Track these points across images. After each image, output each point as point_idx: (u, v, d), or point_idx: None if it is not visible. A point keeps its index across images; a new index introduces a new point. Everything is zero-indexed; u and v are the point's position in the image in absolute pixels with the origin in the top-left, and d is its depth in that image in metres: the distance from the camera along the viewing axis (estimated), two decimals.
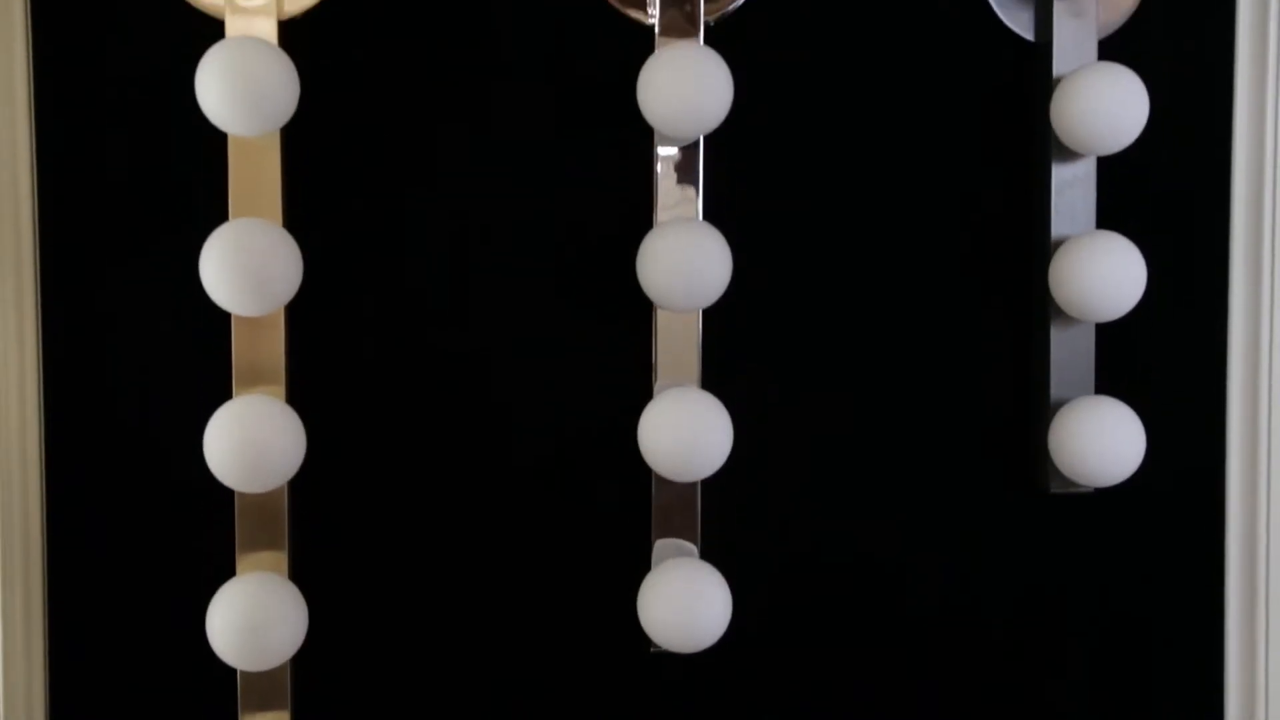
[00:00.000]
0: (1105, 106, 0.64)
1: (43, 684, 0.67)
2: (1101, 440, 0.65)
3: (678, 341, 0.65)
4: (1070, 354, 0.68)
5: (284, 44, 0.63)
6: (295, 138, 0.64)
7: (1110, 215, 0.67)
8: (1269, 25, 0.69)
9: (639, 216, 0.65)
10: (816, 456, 0.69)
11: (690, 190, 0.65)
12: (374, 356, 0.67)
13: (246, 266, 0.60)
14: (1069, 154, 0.67)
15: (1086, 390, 0.67)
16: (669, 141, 0.65)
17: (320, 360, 0.66)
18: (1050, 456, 0.67)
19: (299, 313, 0.65)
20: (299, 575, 0.64)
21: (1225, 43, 0.69)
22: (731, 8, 0.67)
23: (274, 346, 0.64)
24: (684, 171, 0.65)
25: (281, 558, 0.64)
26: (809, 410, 0.69)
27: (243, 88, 0.60)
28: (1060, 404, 0.67)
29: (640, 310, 0.66)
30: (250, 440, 0.61)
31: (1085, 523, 0.70)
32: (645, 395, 0.65)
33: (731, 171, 0.66)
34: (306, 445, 0.63)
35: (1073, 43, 0.67)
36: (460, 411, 0.67)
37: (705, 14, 0.65)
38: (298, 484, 0.64)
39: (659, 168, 0.65)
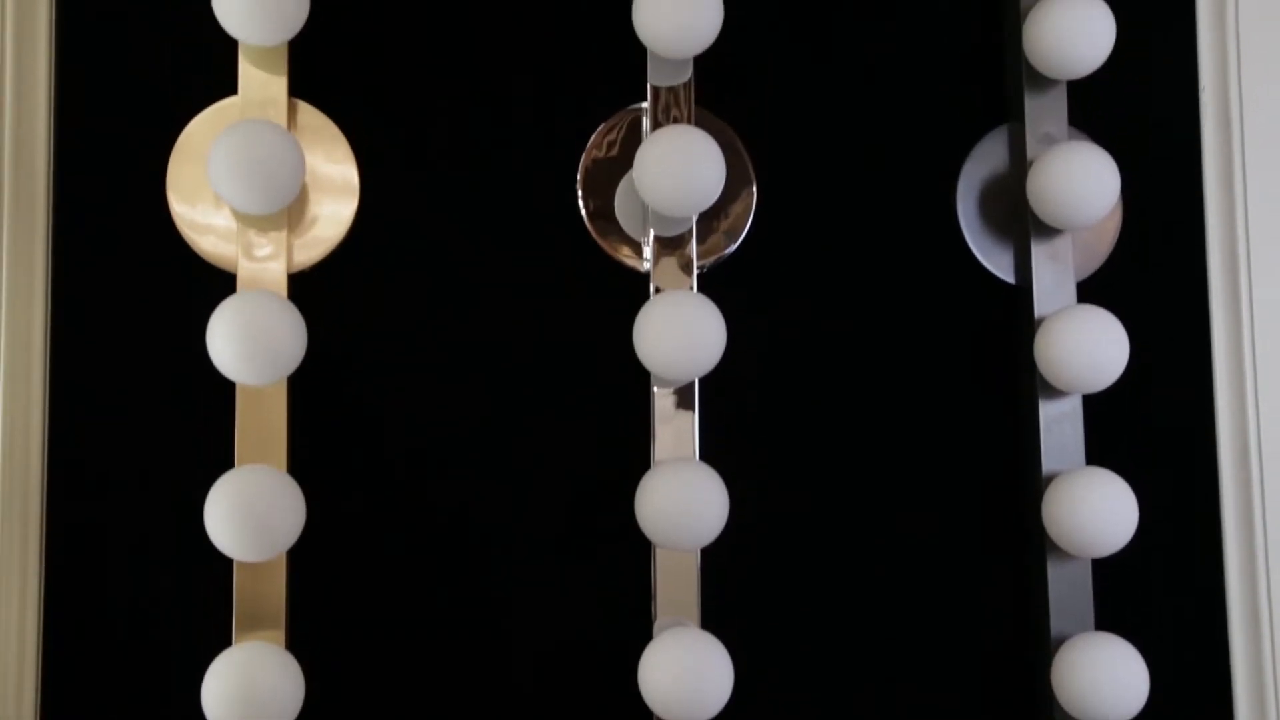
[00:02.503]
0: (1087, 348, 0.66)
1: None
2: (1103, 677, 0.65)
3: (676, 579, 0.65)
4: (1068, 589, 0.68)
5: (293, 295, 0.65)
6: (302, 382, 0.65)
7: (1100, 450, 0.68)
8: (1239, 265, 0.71)
9: (637, 456, 0.66)
10: (818, 698, 0.68)
11: (686, 430, 0.66)
12: (373, 604, 0.67)
13: (250, 513, 0.61)
14: (1055, 391, 0.68)
15: (1086, 626, 0.67)
16: (665, 384, 0.66)
17: (320, 606, 0.66)
18: (1054, 695, 0.66)
19: (300, 558, 0.65)
20: None
21: (1199, 281, 0.71)
22: (727, 252, 0.69)
23: (275, 592, 0.64)
24: (680, 412, 0.66)
25: None
26: (808, 649, 0.68)
27: (252, 342, 0.61)
28: (1060, 641, 0.67)
29: (640, 548, 0.66)
30: (248, 688, 0.61)
31: None
32: (645, 633, 0.65)
33: (726, 412, 0.68)
34: (305, 691, 0.62)
35: (1052, 285, 0.69)
36: (459, 651, 0.67)
37: (698, 260, 0.67)
38: None
39: (655, 408, 0.66)
